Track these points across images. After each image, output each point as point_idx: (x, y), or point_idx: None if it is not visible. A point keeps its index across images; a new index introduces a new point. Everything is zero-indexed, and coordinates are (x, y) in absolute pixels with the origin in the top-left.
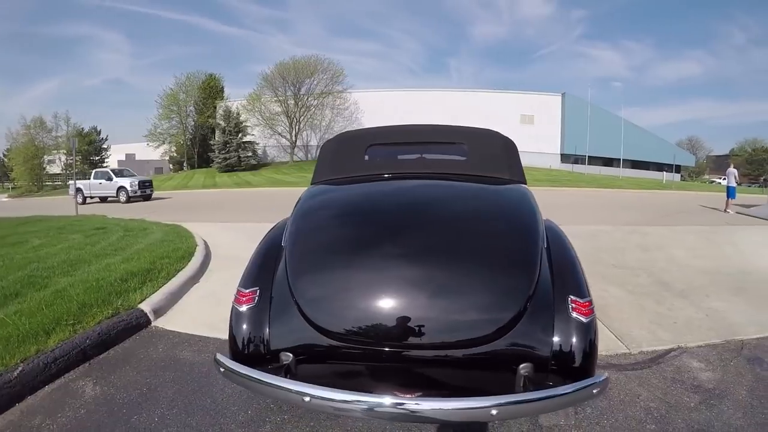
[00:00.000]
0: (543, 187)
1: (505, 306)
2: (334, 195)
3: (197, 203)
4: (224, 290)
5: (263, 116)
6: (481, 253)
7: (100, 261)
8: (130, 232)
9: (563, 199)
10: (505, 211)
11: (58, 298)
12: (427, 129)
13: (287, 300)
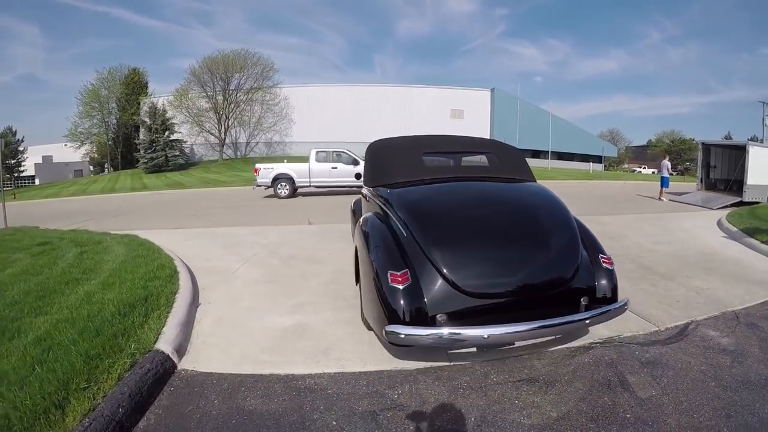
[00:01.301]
0: None
1: (571, 264)
2: (427, 193)
3: (134, 208)
4: (233, 311)
5: (191, 113)
6: (551, 233)
7: (73, 289)
8: (84, 247)
9: None
10: (548, 203)
11: (48, 349)
12: (465, 140)
13: (434, 275)
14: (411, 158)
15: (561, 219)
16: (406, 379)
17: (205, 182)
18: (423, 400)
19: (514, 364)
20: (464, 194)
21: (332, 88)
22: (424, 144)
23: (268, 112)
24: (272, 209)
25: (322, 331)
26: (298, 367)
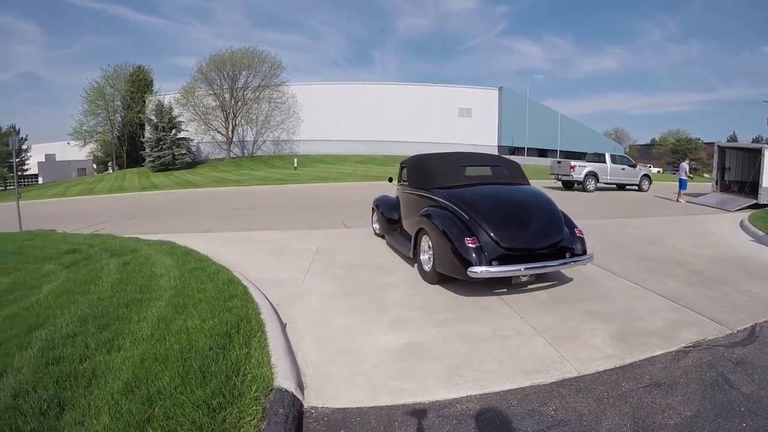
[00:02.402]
0: None
1: (559, 234)
2: (472, 192)
3: (149, 209)
4: (328, 332)
5: (198, 111)
6: (546, 216)
7: (139, 313)
8: (123, 257)
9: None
10: (542, 198)
11: (148, 400)
12: (487, 156)
13: (487, 239)
14: (454, 169)
15: (551, 207)
16: (550, 393)
17: (216, 181)
18: (579, 413)
19: (635, 371)
20: (493, 192)
21: (339, 86)
22: (460, 159)
23: (276, 110)
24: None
25: (440, 350)
26: (439, 392)
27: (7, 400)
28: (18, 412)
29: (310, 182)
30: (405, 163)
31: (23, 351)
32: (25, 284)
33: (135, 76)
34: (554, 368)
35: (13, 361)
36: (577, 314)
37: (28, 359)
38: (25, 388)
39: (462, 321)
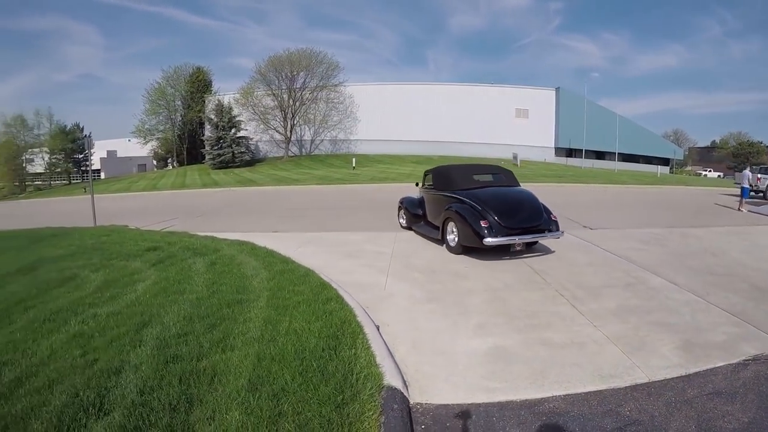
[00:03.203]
0: (553, 183)
1: (540, 218)
2: (483, 192)
3: (215, 206)
4: (420, 335)
5: (257, 110)
6: (532, 206)
7: (243, 314)
8: (207, 256)
9: (585, 197)
10: (531, 195)
11: (274, 396)
12: (490, 166)
13: (495, 222)
14: (468, 176)
15: (535, 201)
16: (625, 396)
17: (276, 180)
18: (650, 415)
19: (699, 379)
20: (496, 191)
21: (395, 86)
22: (472, 169)
23: (333, 110)
24: (359, 211)
25: (524, 354)
26: (528, 391)
27: (133, 396)
28: (148, 408)
29: (369, 182)
30: (429, 172)
31: (137, 348)
32: (117, 281)
33: (194, 76)
34: (627, 374)
35: (129, 358)
36: (645, 325)
37: (145, 357)
38: (150, 384)
39: (541, 328)
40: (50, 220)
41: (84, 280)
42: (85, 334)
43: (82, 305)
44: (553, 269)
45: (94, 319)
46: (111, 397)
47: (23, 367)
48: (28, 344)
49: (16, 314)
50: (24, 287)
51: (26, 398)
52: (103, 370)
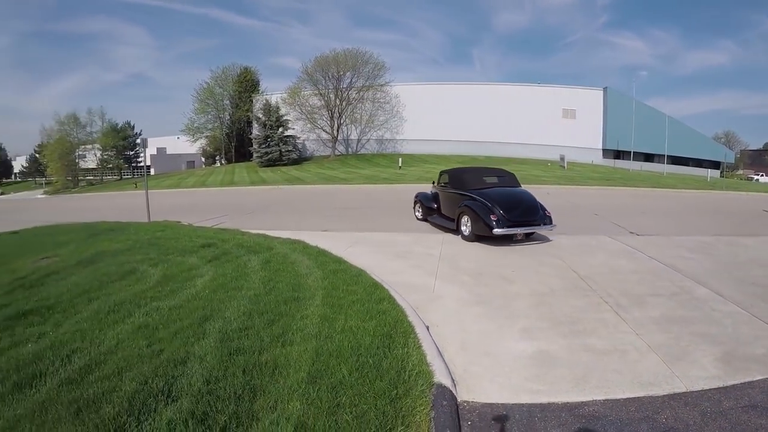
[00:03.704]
0: (600, 186)
1: (537, 213)
2: (492, 191)
3: (265, 204)
4: (468, 336)
5: (304, 110)
6: (531, 203)
7: (299, 311)
8: (261, 254)
9: (632, 201)
10: (530, 195)
11: (333, 388)
12: (496, 170)
13: (501, 215)
14: (479, 178)
15: (533, 199)
16: (662, 404)
17: (323, 179)
18: (686, 423)
19: (735, 392)
20: (502, 191)
21: (441, 86)
22: (482, 171)
23: (379, 109)
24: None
25: (567, 358)
26: (569, 395)
27: (199, 385)
28: (214, 396)
29: (416, 182)
30: (445, 173)
31: (201, 341)
32: (176, 276)
33: (242, 77)
34: (666, 382)
35: (194, 349)
36: (687, 335)
37: (209, 349)
38: (215, 375)
39: (585, 334)
40: (104, 214)
41: (144, 274)
42: (150, 326)
43: (144, 298)
44: (598, 276)
45: (157, 311)
46: (178, 385)
47: (92, 355)
48: (95, 334)
49: (80, 305)
50: (86, 279)
51: (97, 384)
52: (170, 360)
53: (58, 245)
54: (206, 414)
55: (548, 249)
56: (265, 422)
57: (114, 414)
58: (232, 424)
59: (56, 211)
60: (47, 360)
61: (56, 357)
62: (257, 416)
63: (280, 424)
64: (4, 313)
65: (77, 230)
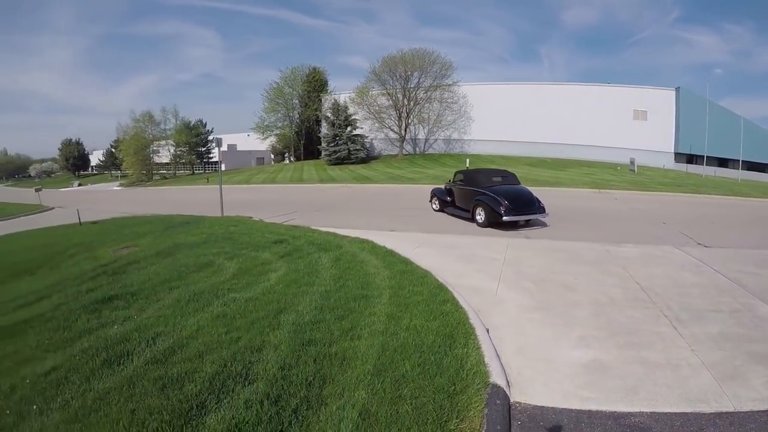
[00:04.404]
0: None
1: (535, 204)
2: (500, 188)
3: (333, 202)
4: (525, 341)
5: (372, 109)
6: (530, 197)
7: (368, 308)
8: (331, 252)
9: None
10: (528, 191)
11: (396, 381)
12: (502, 171)
13: (509, 206)
14: (489, 178)
15: (531, 194)
16: (708, 422)
17: (390, 178)
18: None
19: None
20: (507, 188)
21: (508, 86)
22: (491, 173)
23: (447, 109)
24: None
25: (620, 369)
26: (618, 405)
27: (274, 371)
28: (287, 381)
29: None
30: (460, 173)
31: (275, 331)
32: (251, 270)
33: (311, 76)
34: (714, 400)
35: (269, 338)
36: (743, 354)
37: (283, 339)
38: (288, 362)
39: (640, 346)
40: (178, 207)
41: (220, 267)
42: (228, 315)
43: (222, 289)
44: (660, 288)
45: (235, 302)
46: (255, 370)
47: (175, 339)
48: (177, 320)
49: (162, 293)
50: (166, 269)
51: (180, 364)
52: (247, 346)
53: (136, 236)
54: (280, 396)
55: (612, 258)
56: (333, 407)
57: (196, 392)
58: (303, 406)
59: (132, 202)
60: (134, 341)
61: (142, 339)
62: (326, 401)
63: (346, 410)
64: (91, 297)
65: (154, 222)
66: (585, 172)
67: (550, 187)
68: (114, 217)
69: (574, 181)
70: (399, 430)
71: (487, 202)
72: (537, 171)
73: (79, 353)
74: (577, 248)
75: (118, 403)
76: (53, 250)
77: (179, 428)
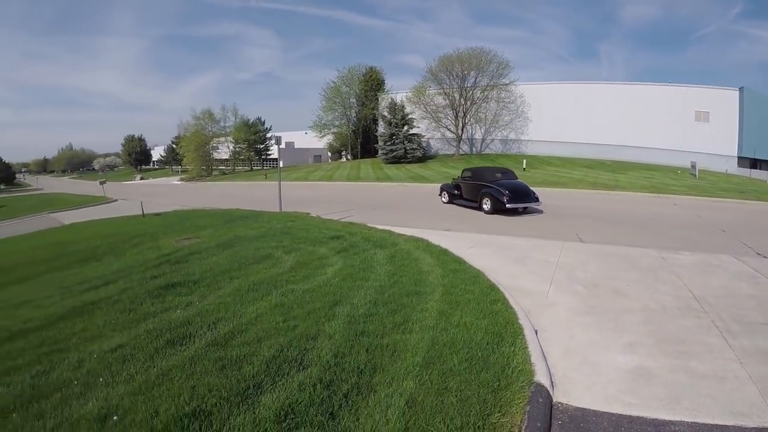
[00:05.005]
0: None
1: (531, 195)
2: (503, 182)
3: (389, 200)
4: (573, 344)
5: (428, 109)
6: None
7: (420, 304)
8: (386, 249)
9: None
10: (524, 183)
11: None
12: (502, 168)
13: (510, 196)
14: (493, 174)
15: (527, 187)
16: None
17: (446, 178)
18: None
19: None
20: (508, 182)
21: (566, 85)
22: (494, 170)
23: (504, 109)
24: (528, 215)
25: (665, 378)
26: (659, 412)
27: (327, 358)
28: (340, 368)
29: (539, 186)
30: (467, 170)
31: (330, 321)
32: (308, 264)
33: (368, 76)
34: (758, 415)
35: (324, 328)
36: None
37: (337, 329)
38: (341, 351)
39: (688, 355)
40: (237, 202)
41: (278, 259)
42: (285, 305)
43: (280, 281)
44: (713, 298)
45: (292, 293)
46: (309, 356)
47: (234, 324)
48: (236, 307)
49: (222, 282)
50: (226, 260)
51: (239, 348)
52: (302, 334)
53: (198, 228)
54: (332, 381)
55: (667, 265)
56: (381, 395)
57: (253, 373)
58: (353, 392)
59: (192, 196)
60: (195, 324)
61: (203, 323)
62: (375, 389)
63: (393, 397)
64: (155, 284)
65: (214, 216)
66: (644, 176)
67: (608, 191)
68: (176, 209)
69: (633, 184)
70: (443, 419)
71: (493, 194)
72: (594, 173)
73: (144, 333)
74: (632, 254)
75: (180, 380)
76: (118, 239)
77: (236, 405)
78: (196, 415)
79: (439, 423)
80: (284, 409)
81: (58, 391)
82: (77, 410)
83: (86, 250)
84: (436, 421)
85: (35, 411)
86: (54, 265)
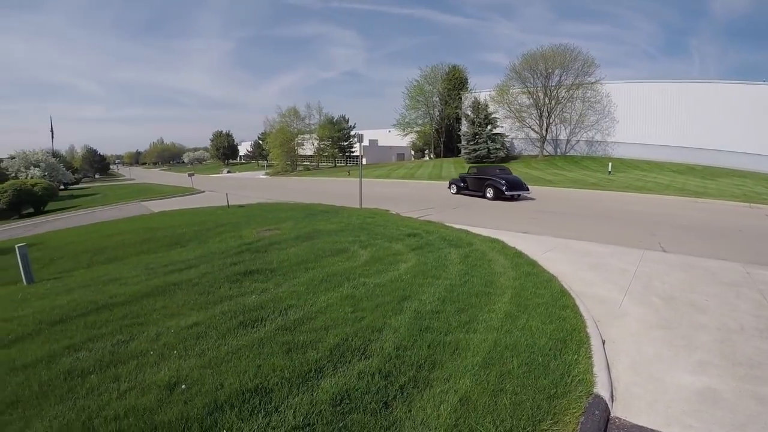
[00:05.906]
0: None
1: (523, 186)
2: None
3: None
4: (641, 358)
5: (512, 108)
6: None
7: (488, 305)
8: (461, 249)
9: None
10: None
11: (501, 375)
12: (501, 166)
13: (508, 185)
14: (493, 170)
15: (521, 180)
16: None
17: (528, 179)
18: None
19: None
20: (507, 176)
21: (654, 84)
22: (494, 168)
23: (590, 109)
24: (607, 221)
25: (733, 402)
26: None
27: (390, 350)
28: (400, 361)
29: (624, 190)
30: (473, 167)
31: (397, 315)
32: (382, 259)
33: (450, 74)
34: None
35: (390, 321)
36: None
37: (403, 323)
38: (404, 344)
39: (761, 381)
40: (319, 197)
41: (354, 253)
42: (356, 297)
43: (353, 274)
44: None
45: (364, 286)
46: (372, 347)
47: (304, 312)
48: (308, 296)
49: (298, 272)
50: (303, 252)
51: (306, 334)
52: (368, 326)
53: (279, 221)
54: (390, 373)
55: (751, 281)
56: (437, 390)
57: (317, 358)
58: (410, 384)
59: (276, 190)
60: (268, 309)
61: (275, 309)
62: (431, 383)
63: (448, 394)
64: (234, 270)
65: (296, 209)
66: (736, 183)
67: (695, 198)
68: (259, 202)
69: (722, 192)
70: (493, 420)
71: (494, 185)
72: (683, 179)
73: (219, 314)
74: (715, 267)
75: (247, 359)
76: (203, 227)
77: (296, 386)
78: (258, 391)
79: (489, 423)
80: (341, 395)
81: (135, 359)
82: (150, 377)
83: (173, 236)
84: (486, 421)
85: (112, 374)
86: (142, 249)
